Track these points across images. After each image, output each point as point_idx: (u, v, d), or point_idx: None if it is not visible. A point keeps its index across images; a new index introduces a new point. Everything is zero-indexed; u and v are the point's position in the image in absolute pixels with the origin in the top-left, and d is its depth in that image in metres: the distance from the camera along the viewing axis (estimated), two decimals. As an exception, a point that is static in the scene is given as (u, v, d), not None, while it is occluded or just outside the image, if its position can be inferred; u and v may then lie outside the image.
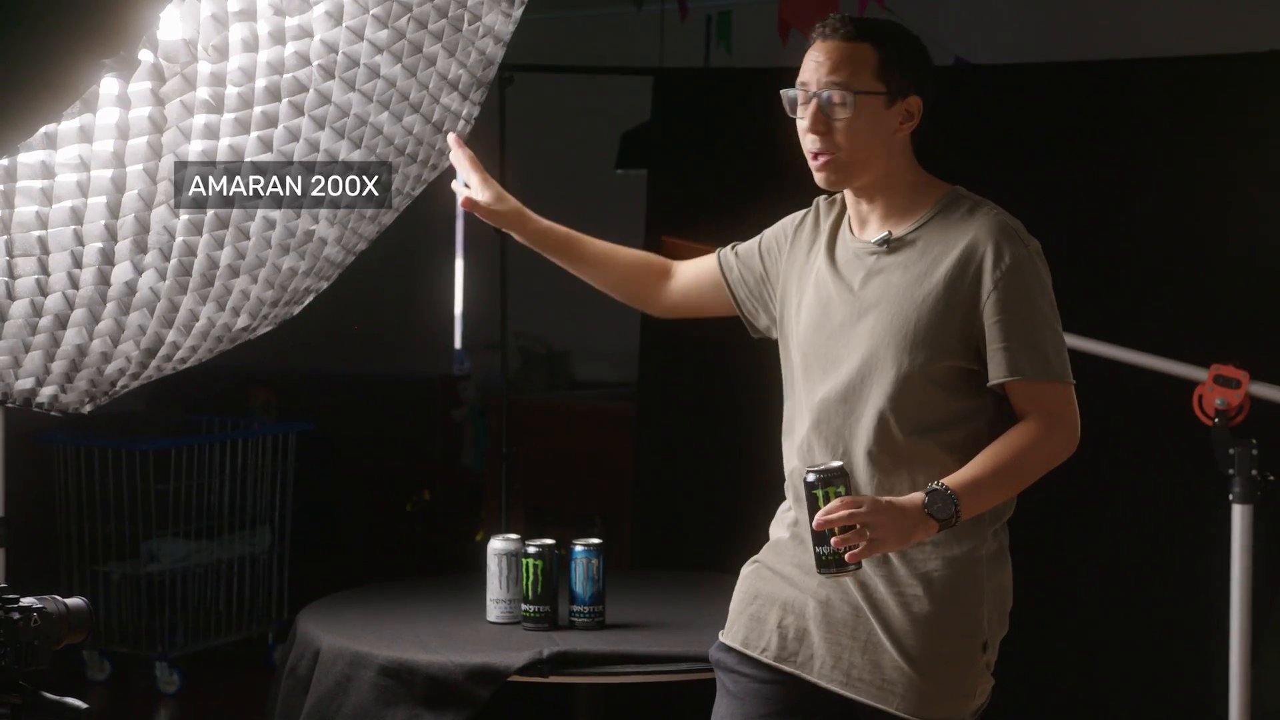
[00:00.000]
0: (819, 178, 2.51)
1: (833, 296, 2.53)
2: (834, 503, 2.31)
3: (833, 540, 2.31)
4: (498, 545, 3.23)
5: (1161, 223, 4.25)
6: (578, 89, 6.18)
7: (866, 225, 2.54)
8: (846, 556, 2.31)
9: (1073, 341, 3.44)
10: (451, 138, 2.52)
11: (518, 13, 2.60)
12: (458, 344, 7.17)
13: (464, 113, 2.55)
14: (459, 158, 2.61)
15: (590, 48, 6.18)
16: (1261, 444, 3.20)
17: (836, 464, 2.38)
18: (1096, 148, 4.35)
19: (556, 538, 3.25)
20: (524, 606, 3.17)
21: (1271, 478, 3.20)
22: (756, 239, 2.72)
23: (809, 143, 2.48)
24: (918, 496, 2.36)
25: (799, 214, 2.66)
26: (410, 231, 3.10)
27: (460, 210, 2.79)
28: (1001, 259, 2.44)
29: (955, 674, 2.45)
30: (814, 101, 2.46)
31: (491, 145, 4.83)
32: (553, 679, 2.94)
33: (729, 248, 2.74)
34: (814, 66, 2.48)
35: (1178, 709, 4.08)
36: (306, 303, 2.57)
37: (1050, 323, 2.48)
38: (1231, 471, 3.19)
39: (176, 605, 5.20)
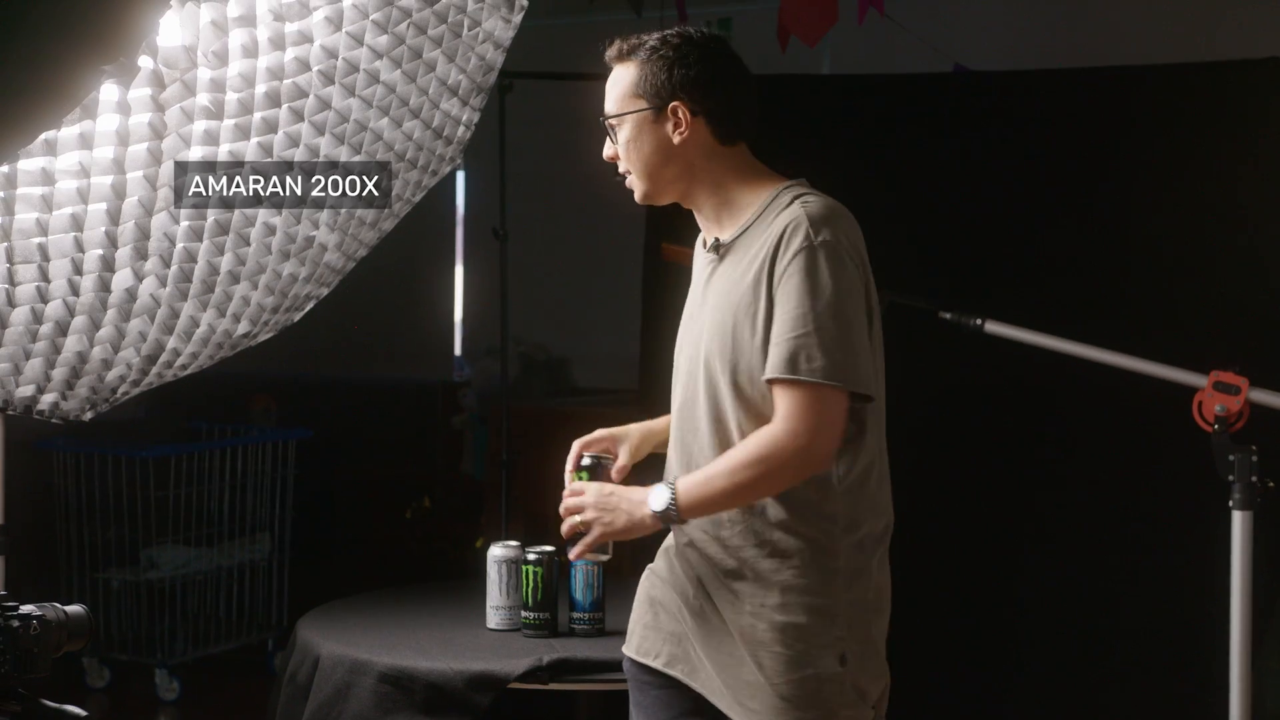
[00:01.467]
0: (636, 197, 2.59)
1: (690, 308, 2.60)
2: (566, 491, 2.52)
3: (563, 527, 2.53)
4: (498, 552, 3.23)
5: (1161, 229, 4.25)
6: (578, 96, 6.18)
7: (709, 234, 2.57)
8: (576, 545, 2.52)
9: (1071, 348, 3.45)
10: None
11: (518, 19, 2.60)
12: (458, 351, 7.17)
13: (464, 119, 2.55)
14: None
15: (590, 54, 6.18)
16: (1261, 450, 3.20)
17: (592, 457, 2.60)
18: (1095, 155, 4.35)
19: (556, 545, 3.24)
20: (524, 613, 3.17)
21: (1271, 484, 3.20)
22: None
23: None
24: (645, 492, 2.45)
25: None
26: (411, 238, 3.10)
27: (460, 216, 2.85)
28: (784, 254, 2.38)
29: (809, 690, 2.40)
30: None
31: (491, 151, 4.83)
32: (553, 686, 2.94)
33: None
34: (606, 94, 2.58)
35: (1178, 715, 4.08)
36: (307, 309, 2.57)
37: (813, 319, 2.34)
38: (1231, 478, 3.19)
39: (176, 612, 5.20)
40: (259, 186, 2.22)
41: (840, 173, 2.87)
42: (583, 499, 2.51)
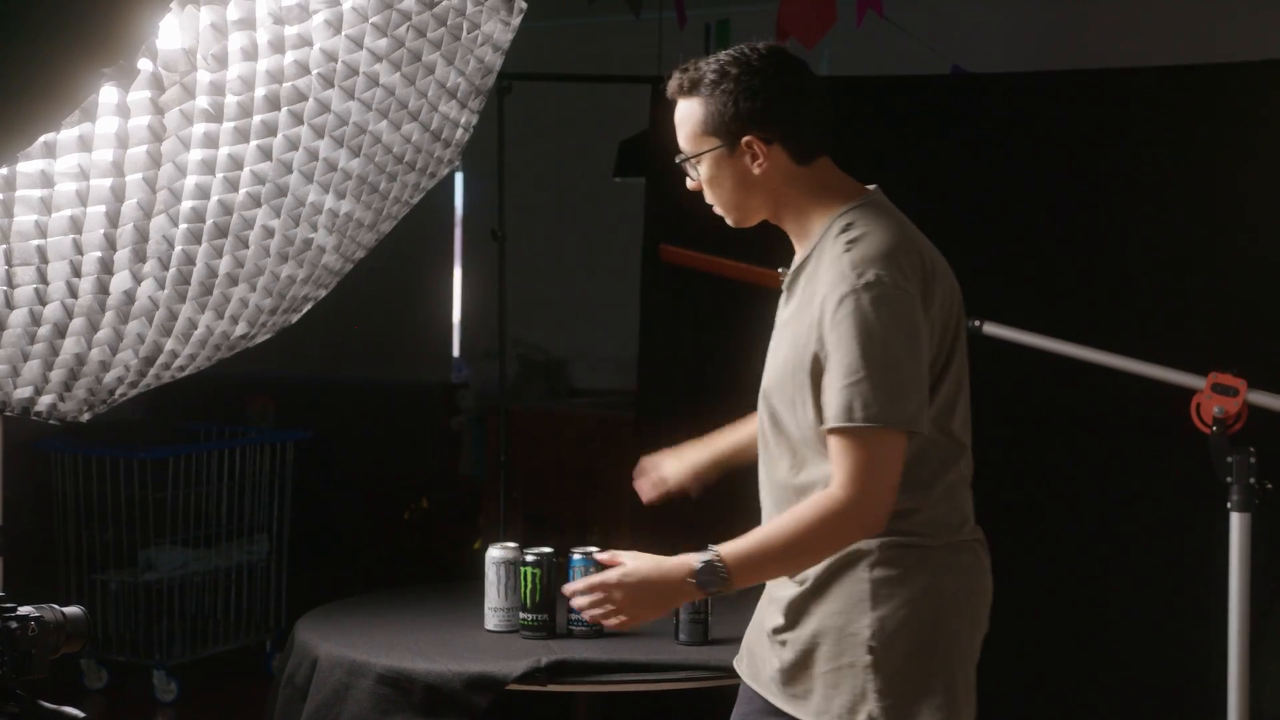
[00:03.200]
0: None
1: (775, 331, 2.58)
2: (580, 582, 2.43)
3: (584, 615, 2.44)
4: (496, 553, 3.23)
5: (1160, 231, 4.26)
6: (576, 97, 6.19)
7: (796, 254, 2.54)
8: (595, 622, 2.48)
9: (1069, 350, 3.45)
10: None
11: (516, 21, 2.60)
12: (456, 352, 7.18)
13: (462, 121, 2.55)
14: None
15: (588, 56, 6.19)
16: (1260, 452, 3.20)
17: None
18: (1093, 157, 4.36)
19: (554, 546, 3.25)
20: (522, 615, 3.17)
21: (1270, 486, 3.20)
22: None
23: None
24: (688, 564, 2.33)
25: None
26: (409, 240, 3.11)
27: (458, 218, 2.85)
28: (827, 310, 2.34)
29: (828, 685, 2.39)
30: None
31: (490, 153, 4.84)
32: (551, 688, 2.94)
33: None
34: (676, 126, 2.53)
35: (1177, 716, 4.08)
36: (305, 311, 2.57)
37: (869, 364, 2.29)
38: (1230, 479, 3.19)
39: (174, 613, 5.20)
40: (258, 189, 2.22)
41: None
42: (611, 596, 2.38)
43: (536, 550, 3.19)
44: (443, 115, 2.48)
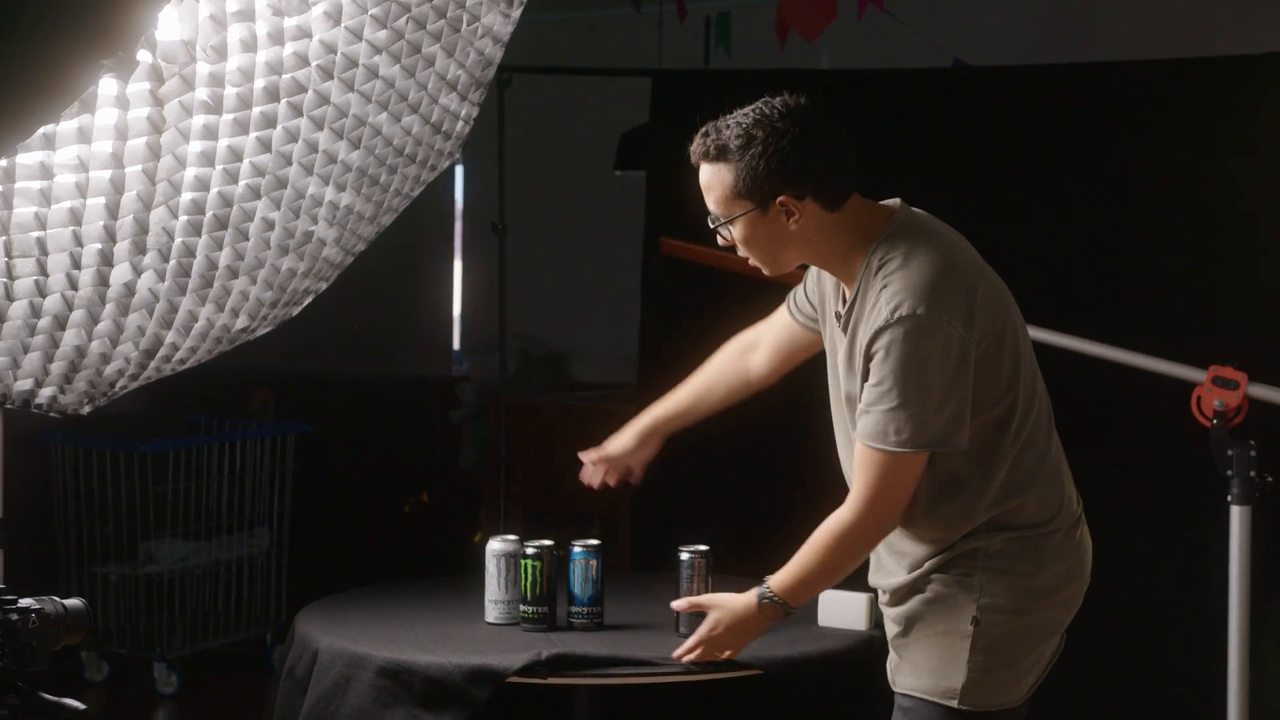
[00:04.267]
0: None
1: (832, 363, 2.68)
2: (690, 642, 2.79)
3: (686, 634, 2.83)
4: (496, 546, 3.23)
5: (1159, 224, 4.26)
6: (576, 90, 6.18)
7: (846, 289, 2.62)
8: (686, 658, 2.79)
9: (1071, 343, 3.45)
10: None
11: (516, 13, 2.60)
12: (456, 345, 7.18)
13: (463, 114, 2.55)
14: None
15: (589, 49, 6.18)
16: (1260, 445, 3.20)
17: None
18: (1094, 150, 4.35)
19: (555, 539, 3.24)
20: (523, 608, 3.17)
21: (1270, 479, 3.20)
22: (801, 283, 2.82)
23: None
24: (751, 601, 2.68)
25: None
26: (409, 233, 3.10)
27: (459, 211, 2.89)
28: (876, 343, 2.48)
29: (924, 651, 2.58)
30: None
31: (490, 146, 4.83)
32: (551, 680, 2.94)
33: (789, 300, 2.86)
34: (703, 190, 2.57)
35: (1176, 710, 4.08)
36: (305, 304, 2.57)
37: (904, 394, 2.45)
38: (1230, 473, 3.19)
39: (175, 606, 5.20)
40: (257, 181, 2.22)
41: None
42: (716, 641, 2.76)
43: (537, 543, 3.19)
44: (443, 108, 2.48)
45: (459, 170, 6.92)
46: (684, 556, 3.12)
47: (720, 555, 3.18)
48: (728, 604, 2.74)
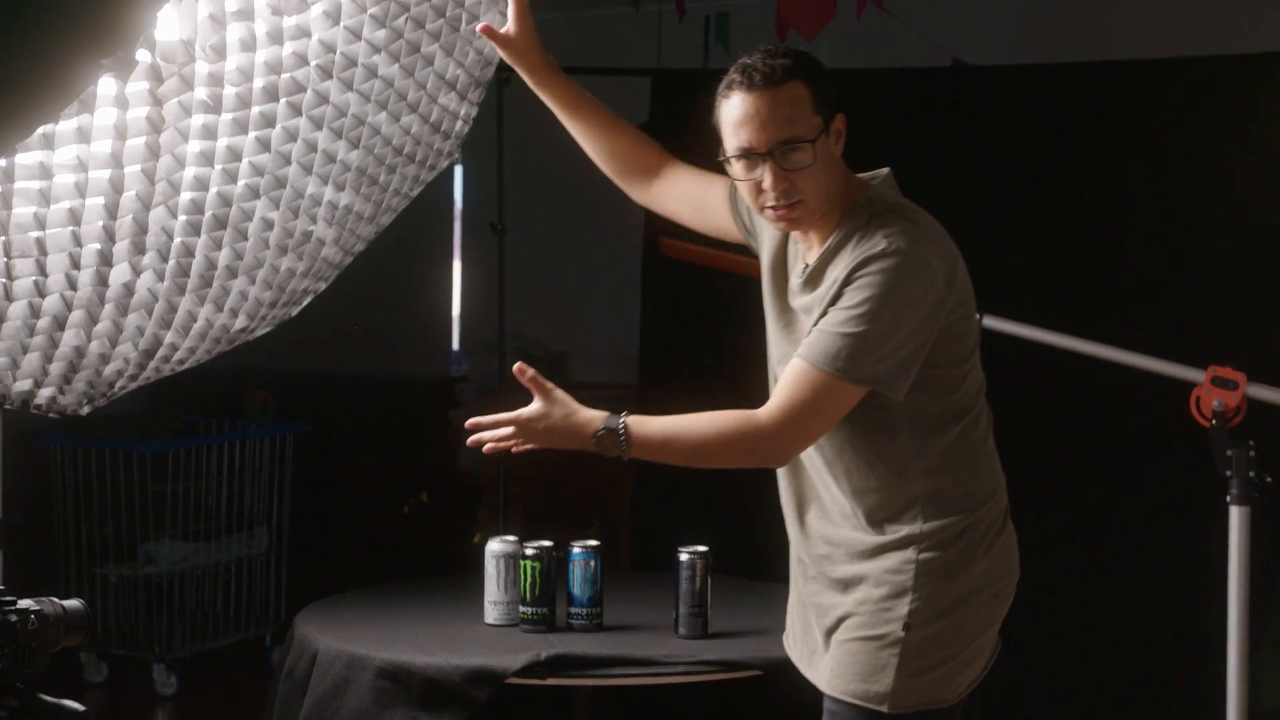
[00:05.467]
0: (781, 226, 2.49)
1: (774, 328, 2.58)
2: (497, 417, 2.48)
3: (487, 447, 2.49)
4: (496, 547, 3.23)
5: (1158, 224, 4.25)
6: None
7: (805, 251, 2.52)
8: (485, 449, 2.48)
9: (1070, 343, 3.45)
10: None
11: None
12: (455, 345, 7.16)
13: (462, 113, 2.55)
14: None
15: (588, 48, 6.16)
16: (1259, 446, 3.19)
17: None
18: (1093, 149, 4.35)
19: (554, 539, 3.24)
20: (522, 608, 3.17)
21: (1269, 479, 3.20)
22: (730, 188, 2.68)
23: (770, 198, 2.42)
24: (595, 422, 2.44)
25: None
26: (408, 233, 3.10)
27: (458, 211, 2.83)
28: (862, 270, 2.38)
29: (852, 653, 2.49)
30: (769, 161, 2.41)
31: (489, 146, 4.83)
32: (551, 681, 2.94)
33: (730, 189, 2.69)
34: (756, 125, 2.40)
35: (1175, 710, 4.08)
36: (304, 304, 2.57)
37: (873, 323, 2.35)
38: (1229, 473, 3.19)
39: (174, 607, 5.19)
40: (256, 181, 2.22)
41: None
42: (521, 431, 2.48)
43: (536, 544, 3.19)
44: (442, 107, 2.48)
45: (458, 170, 6.91)
46: (683, 557, 3.12)
47: (720, 556, 3.18)
48: (568, 408, 2.49)
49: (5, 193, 1.99)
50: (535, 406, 2.49)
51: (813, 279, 2.48)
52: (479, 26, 2.50)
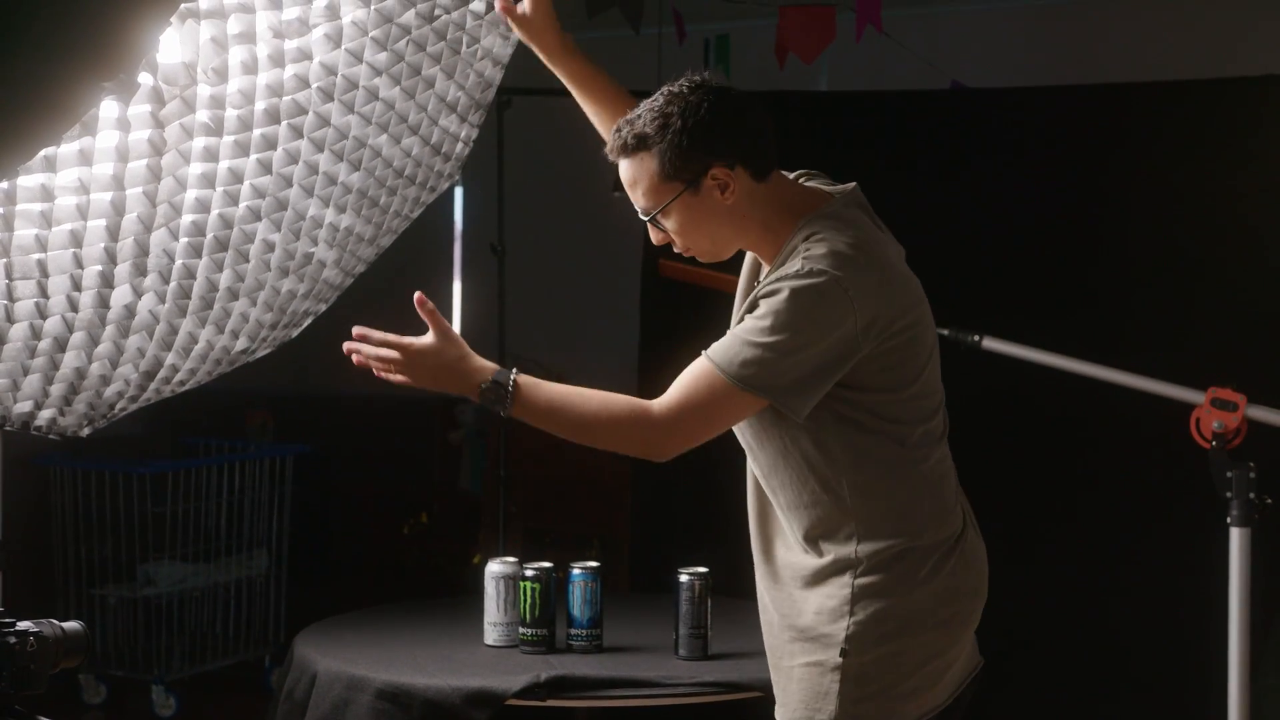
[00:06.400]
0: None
1: None
2: (383, 336, 2.38)
3: (367, 364, 2.39)
4: (495, 568, 3.23)
5: (1158, 245, 4.26)
6: (576, 112, 6.18)
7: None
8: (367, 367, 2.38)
9: (1069, 364, 3.45)
10: None
11: (516, 35, 2.61)
12: (455, 367, 7.15)
13: (462, 135, 2.55)
14: None
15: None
16: (1259, 467, 3.20)
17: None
18: (1092, 171, 4.36)
19: (554, 560, 3.24)
20: (522, 630, 3.17)
21: (1269, 501, 3.20)
22: None
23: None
24: (484, 373, 2.35)
25: None
26: (409, 254, 3.11)
27: (458, 232, 2.83)
28: (777, 285, 2.35)
29: (797, 680, 2.47)
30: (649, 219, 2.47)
31: (490, 167, 4.84)
32: (550, 703, 2.93)
33: None
34: (627, 186, 2.47)
35: (1177, 732, 4.08)
36: (305, 325, 2.58)
37: (778, 336, 2.32)
38: (1229, 494, 3.19)
39: (173, 628, 5.19)
40: (258, 203, 2.22)
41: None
42: (403, 359, 2.38)
43: (536, 565, 3.19)
44: (443, 129, 2.49)
45: (458, 191, 6.92)
46: (683, 578, 3.12)
47: (719, 577, 3.18)
48: (461, 350, 2.39)
49: (7, 215, 2.00)
50: (429, 339, 2.38)
51: (755, 302, 2.47)
52: (498, 5, 2.49)
